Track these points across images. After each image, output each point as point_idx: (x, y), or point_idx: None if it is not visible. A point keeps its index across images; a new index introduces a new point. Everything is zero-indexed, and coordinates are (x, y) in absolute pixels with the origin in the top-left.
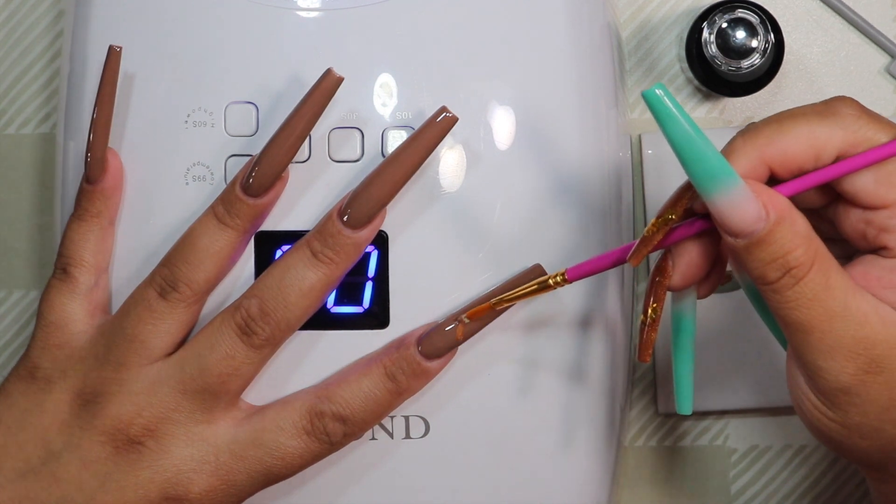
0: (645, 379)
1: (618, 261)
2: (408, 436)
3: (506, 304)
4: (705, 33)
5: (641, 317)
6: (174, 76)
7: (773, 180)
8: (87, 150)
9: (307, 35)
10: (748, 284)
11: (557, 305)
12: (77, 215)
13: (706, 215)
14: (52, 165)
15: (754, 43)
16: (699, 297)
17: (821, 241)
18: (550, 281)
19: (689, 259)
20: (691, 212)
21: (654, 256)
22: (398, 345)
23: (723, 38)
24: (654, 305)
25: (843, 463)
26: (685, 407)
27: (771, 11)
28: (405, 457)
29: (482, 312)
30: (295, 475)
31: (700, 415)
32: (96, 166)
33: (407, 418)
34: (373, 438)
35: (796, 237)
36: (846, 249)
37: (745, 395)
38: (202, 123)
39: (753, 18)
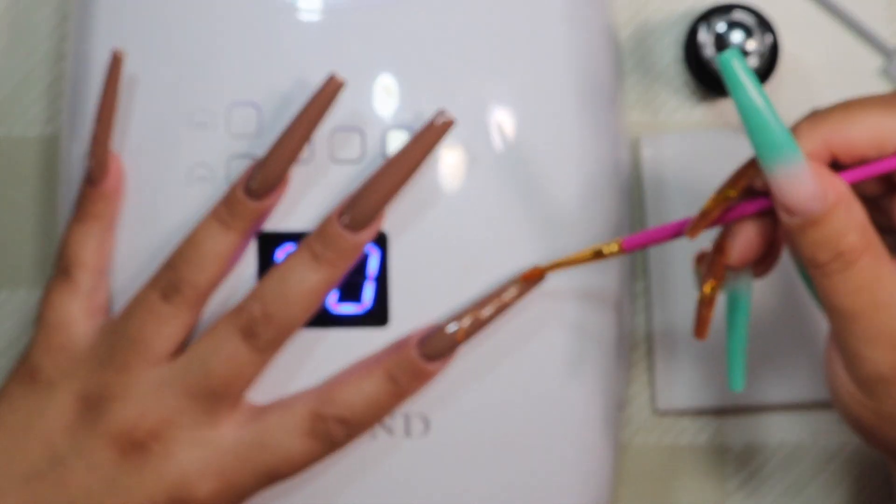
0: (642, 377)
1: (675, 234)
2: (408, 434)
3: (555, 269)
4: (702, 35)
5: (699, 295)
6: (176, 77)
7: (833, 168)
8: (89, 152)
9: (309, 37)
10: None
11: (556, 304)
12: (77, 217)
13: (766, 194)
14: (56, 168)
15: (751, 45)
16: (755, 277)
17: (875, 231)
18: (605, 249)
19: (746, 237)
20: (751, 191)
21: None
22: (399, 346)
23: (720, 41)
24: (713, 284)
25: (839, 461)
26: (738, 384)
27: (767, 13)
28: (406, 456)
29: (535, 276)
30: (297, 475)
31: (696, 413)
32: (98, 168)
33: (407, 417)
34: (373, 437)
35: (851, 222)
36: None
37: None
38: (204, 124)
39: (750, 21)
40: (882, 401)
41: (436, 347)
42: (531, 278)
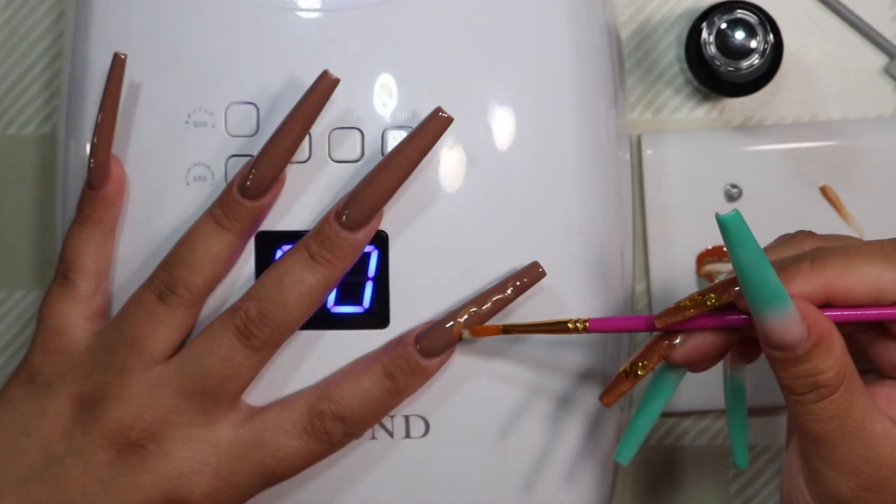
0: (645, 379)
1: (644, 326)
2: (408, 435)
3: (515, 332)
4: (704, 34)
5: (626, 366)
6: (175, 76)
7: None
8: (90, 156)
9: (307, 36)
10: (734, 382)
11: (557, 305)
12: (79, 221)
13: (742, 312)
14: (53, 166)
15: (753, 44)
16: (694, 372)
17: (852, 362)
18: (570, 324)
19: (700, 343)
20: (732, 305)
21: None
22: (397, 343)
23: (722, 39)
24: (645, 364)
25: None
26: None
27: (770, 12)
28: (405, 457)
29: (489, 333)
30: (296, 475)
31: (699, 414)
32: (99, 172)
33: (407, 418)
34: (373, 438)
35: (830, 359)
36: (866, 365)
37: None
38: (203, 123)
39: (752, 19)
40: None
41: (433, 344)
42: (485, 333)
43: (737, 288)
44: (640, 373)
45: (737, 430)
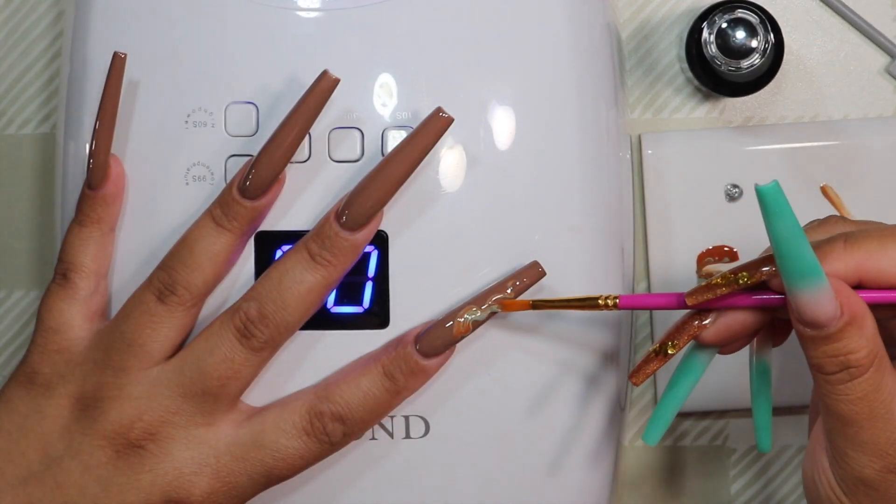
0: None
1: (675, 304)
2: (408, 436)
3: (545, 308)
4: (705, 33)
5: (655, 346)
6: (174, 76)
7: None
8: (90, 157)
9: (307, 35)
10: (760, 365)
11: None
12: (78, 221)
13: (774, 291)
14: (53, 165)
15: (754, 43)
16: (724, 354)
17: (882, 343)
18: (601, 301)
19: (730, 322)
20: (763, 284)
21: None
22: (396, 343)
23: (723, 39)
24: (675, 343)
25: None
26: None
27: (771, 11)
28: (405, 457)
29: (519, 308)
30: (295, 475)
31: (700, 415)
32: (99, 172)
33: (407, 418)
34: (373, 438)
35: (862, 339)
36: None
37: (744, 395)
38: (202, 123)
39: (753, 18)
40: (860, 501)
41: (433, 344)
42: (514, 308)
43: (767, 268)
44: (669, 352)
45: (761, 413)
